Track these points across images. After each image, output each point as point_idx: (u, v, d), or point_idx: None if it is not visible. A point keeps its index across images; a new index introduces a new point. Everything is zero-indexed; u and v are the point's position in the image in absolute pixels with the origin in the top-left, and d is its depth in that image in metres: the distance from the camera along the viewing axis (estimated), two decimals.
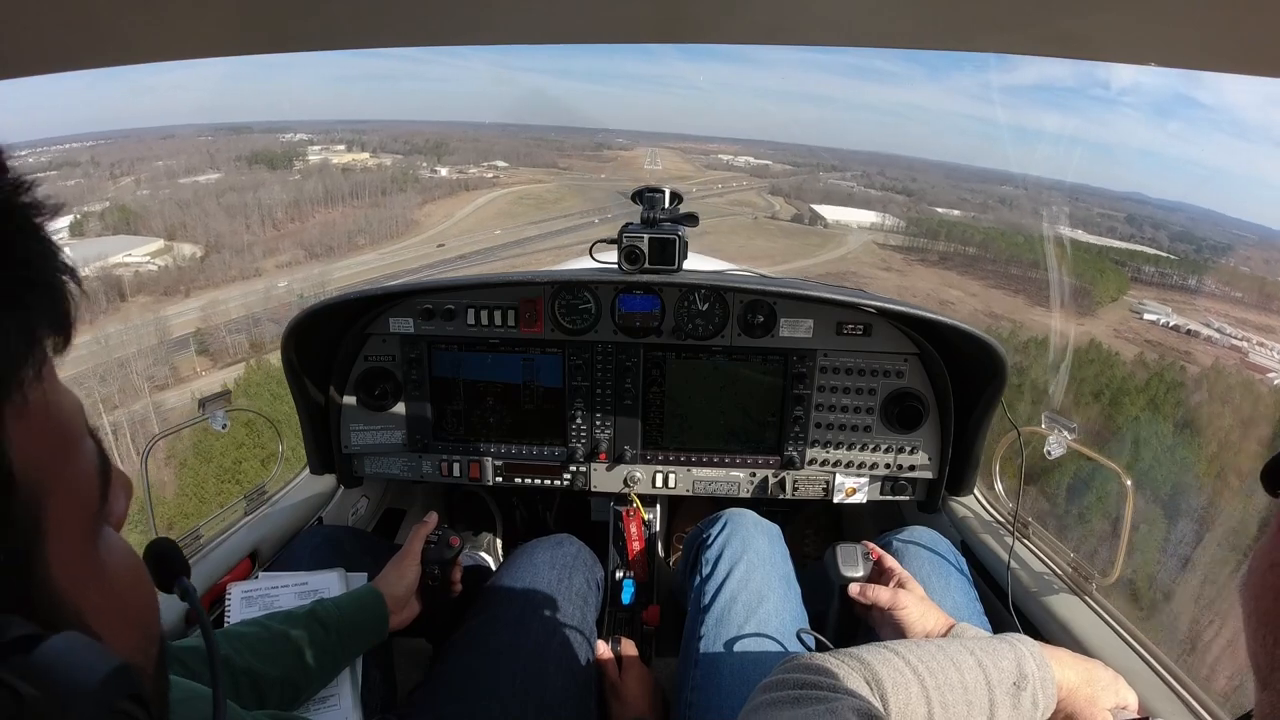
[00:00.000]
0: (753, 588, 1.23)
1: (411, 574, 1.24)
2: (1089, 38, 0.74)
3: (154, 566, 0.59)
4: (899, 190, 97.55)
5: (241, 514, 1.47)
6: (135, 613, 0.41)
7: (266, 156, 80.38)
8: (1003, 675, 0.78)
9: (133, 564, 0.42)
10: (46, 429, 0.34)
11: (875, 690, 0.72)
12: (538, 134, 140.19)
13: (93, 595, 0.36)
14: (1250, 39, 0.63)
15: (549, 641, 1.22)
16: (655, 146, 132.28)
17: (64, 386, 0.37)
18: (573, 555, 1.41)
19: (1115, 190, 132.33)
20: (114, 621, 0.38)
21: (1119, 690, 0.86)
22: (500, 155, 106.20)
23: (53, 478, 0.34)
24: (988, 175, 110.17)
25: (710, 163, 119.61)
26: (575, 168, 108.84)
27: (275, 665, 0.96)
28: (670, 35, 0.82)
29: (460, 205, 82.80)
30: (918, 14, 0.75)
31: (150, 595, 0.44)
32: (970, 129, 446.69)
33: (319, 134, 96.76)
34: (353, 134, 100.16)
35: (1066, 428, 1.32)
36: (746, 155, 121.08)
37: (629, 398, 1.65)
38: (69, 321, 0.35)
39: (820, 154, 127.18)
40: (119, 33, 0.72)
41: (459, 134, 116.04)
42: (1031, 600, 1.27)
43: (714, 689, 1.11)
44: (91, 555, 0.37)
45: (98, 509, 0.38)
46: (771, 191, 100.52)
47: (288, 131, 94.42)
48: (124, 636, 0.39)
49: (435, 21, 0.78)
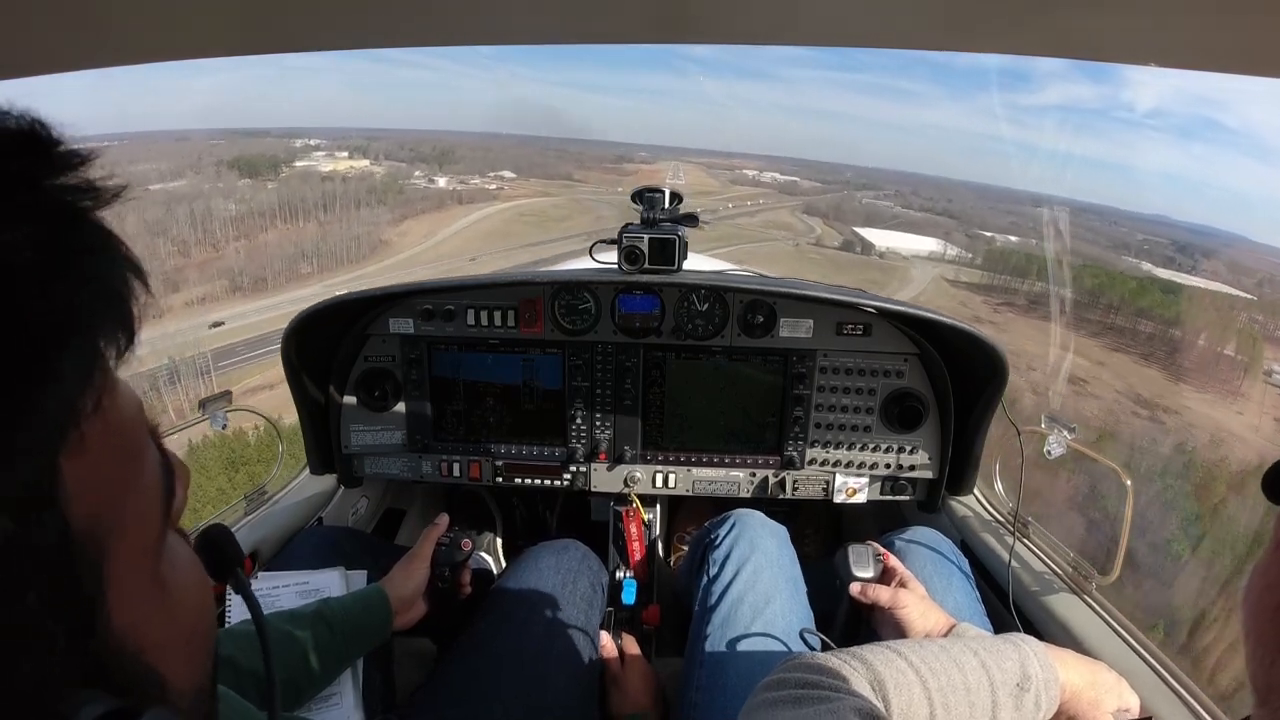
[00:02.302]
0: (760, 589, 1.23)
1: (420, 575, 1.24)
2: (1089, 38, 0.74)
3: (208, 558, 0.56)
4: (938, 211, 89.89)
5: (241, 514, 1.47)
6: (199, 634, 0.38)
7: (247, 162, 71.61)
8: (1006, 676, 0.78)
9: (193, 574, 0.39)
10: (107, 459, 0.30)
11: (877, 690, 0.72)
12: (557, 146, 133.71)
13: (155, 628, 0.33)
14: (1250, 39, 0.63)
15: (553, 645, 1.22)
16: (678, 160, 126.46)
17: (124, 390, 0.32)
18: (578, 560, 1.41)
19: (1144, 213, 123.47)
20: (177, 651, 0.35)
21: (1122, 693, 0.86)
22: (509, 165, 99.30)
23: (116, 517, 0.31)
24: (1018, 196, 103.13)
25: (735, 178, 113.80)
26: (591, 180, 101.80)
27: (280, 666, 0.96)
28: (671, 35, 0.82)
29: (447, 221, 72.84)
30: (918, 14, 0.75)
31: (210, 607, 0.41)
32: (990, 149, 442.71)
33: (333, 139, 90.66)
34: (365, 140, 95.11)
35: (1066, 427, 1.32)
36: (772, 171, 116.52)
37: (629, 398, 1.65)
38: (134, 328, 0.31)
39: (847, 171, 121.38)
40: (119, 33, 0.71)
41: (470, 143, 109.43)
42: (1032, 600, 1.27)
43: (718, 689, 1.11)
44: (156, 582, 0.34)
45: (163, 525, 0.35)
46: (806, 211, 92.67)
47: (301, 137, 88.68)
48: (188, 666, 0.36)
49: (435, 22, 0.78)
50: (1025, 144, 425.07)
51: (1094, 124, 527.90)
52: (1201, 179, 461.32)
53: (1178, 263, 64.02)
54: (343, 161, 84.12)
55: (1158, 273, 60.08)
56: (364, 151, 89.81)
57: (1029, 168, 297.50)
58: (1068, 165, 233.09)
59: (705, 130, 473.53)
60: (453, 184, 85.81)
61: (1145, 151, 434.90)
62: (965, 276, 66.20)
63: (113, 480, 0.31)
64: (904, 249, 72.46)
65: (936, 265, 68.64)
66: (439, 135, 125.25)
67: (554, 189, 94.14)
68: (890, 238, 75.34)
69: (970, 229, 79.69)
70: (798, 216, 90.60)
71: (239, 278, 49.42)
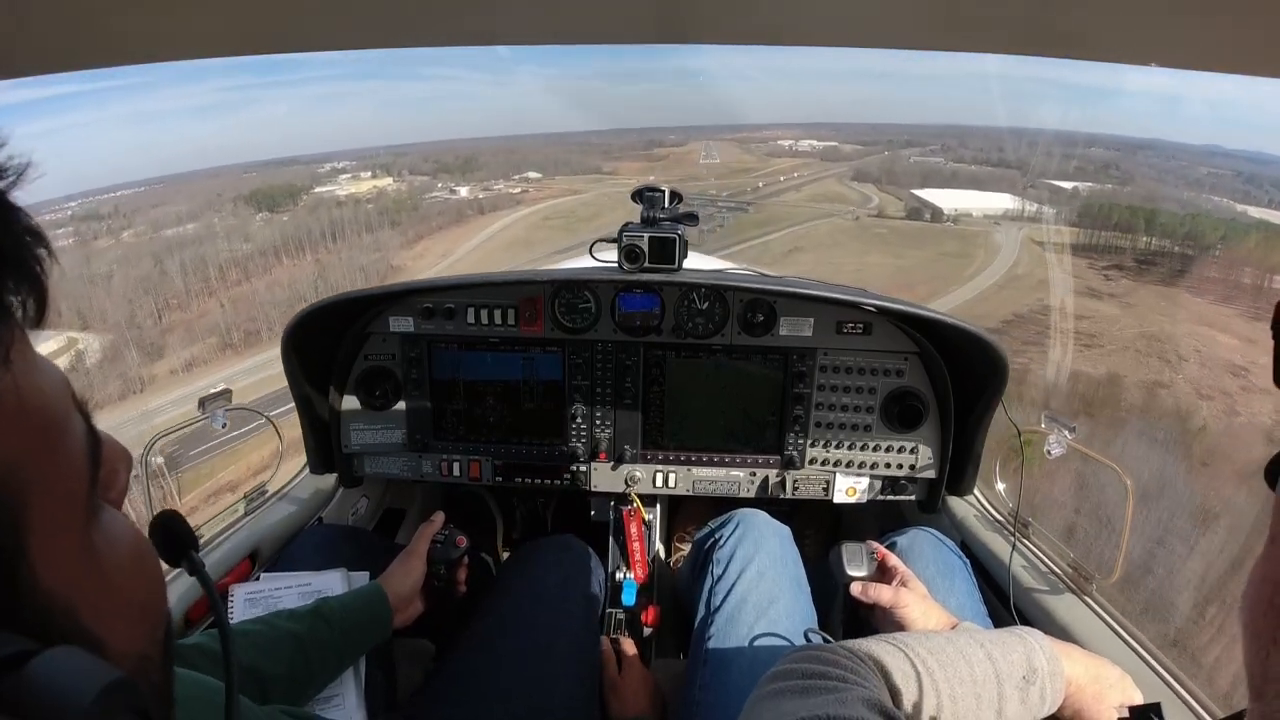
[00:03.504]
0: (764, 589, 1.23)
1: (417, 573, 1.24)
2: (1089, 38, 0.74)
3: (160, 541, 0.58)
4: (993, 163, 76.76)
5: (241, 514, 1.47)
6: (140, 600, 0.39)
7: (265, 194, 65.93)
8: (1012, 668, 0.78)
9: (135, 544, 0.39)
10: (21, 419, 0.31)
11: (884, 681, 0.72)
12: (582, 139, 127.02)
13: (89, 591, 0.34)
14: (1250, 39, 0.63)
15: (553, 643, 1.22)
16: (709, 140, 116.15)
17: (42, 364, 0.34)
18: (578, 557, 1.41)
19: (1194, 144, 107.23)
20: (116, 615, 0.36)
21: (1126, 689, 0.86)
22: (534, 166, 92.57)
23: (33, 472, 0.31)
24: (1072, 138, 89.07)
25: (771, 150, 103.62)
26: (623, 171, 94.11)
27: (279, 663, 0.96)
28: (672, 35, 0.82)
29: (467, 236, 66.20)
30: (918, 15, 0.75)
31: (156, 576, 0.41)
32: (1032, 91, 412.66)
33: (360, 159, 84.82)
34: (392, 156, 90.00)
35: (1066, 427, 1.32)
36: (809, 139, 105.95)
37: (629, 397, 1.65)
38: (41, 293, 0.32)
39: (888, 130, 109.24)
40: (119, 33, 0.71)
41: (493, 147, 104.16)
42: (1032, 601, 1.27)
43: (722, 688, 1.11)
44: (85, 547, 0.35)
45: (89, 494, 0.35)
46: (856, 178, 79.90)
47: (330, 161, 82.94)
48: (128, 630, 0.37)
49: (439, 23, 0.78)
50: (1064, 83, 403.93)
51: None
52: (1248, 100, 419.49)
53: (1253, 196, 54.24)
54: (365, 182, 78.09)
55: (1251, 211, 50.05)
56: (387, 169, 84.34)
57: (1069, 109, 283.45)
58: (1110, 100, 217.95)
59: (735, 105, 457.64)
60: (475, 192, 79.75)
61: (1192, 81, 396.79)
62: (1056, 237, 51.92)
63: (29, 443, 0.31)
64: (975, 209, 60.41)
65: (1019, 225, 55.44)
66: (463, 143, 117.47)
67: (582, 185, 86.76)
68: (956, 197, 63.93)
69: (1036, 179, 67.72)
70: (848, 185, 78.59)
71: (229, 333, 41.89)
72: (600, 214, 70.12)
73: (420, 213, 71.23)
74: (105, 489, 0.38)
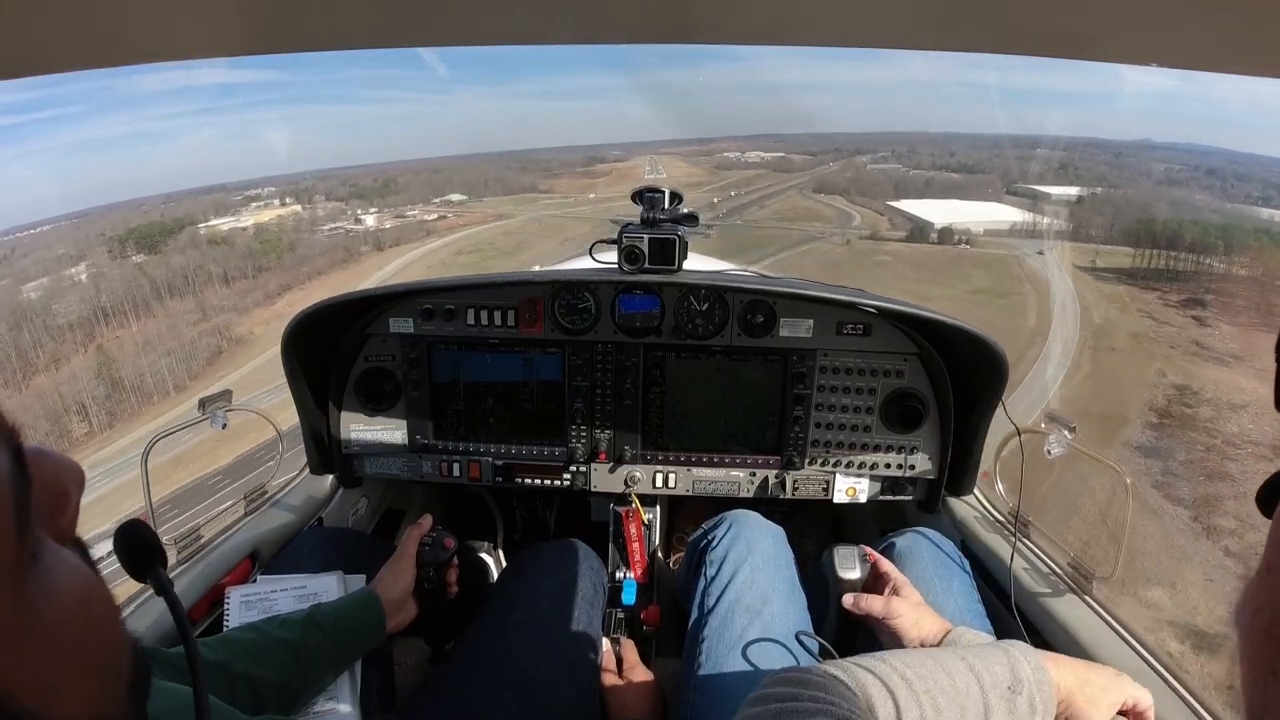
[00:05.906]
0: (757, 590, 1.23)
1: (407, 576, 1.24)
2: (1089, 38, 0.74)
3: (124, 555, 0.54)
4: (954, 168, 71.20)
5: (241, 514, 1.47)
6: (93, 658, 0.33)
7: (145, 232, 51.96)
8: (995, 679, 0.77)
9: (81, 590, 0.33)
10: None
11: (861, 699, 0.72)
12: (521, 158, 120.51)
13: (27, 663, 0.28)
14: (1250, 39, 0.63)
15: (553, 647, 1.22)
16: (654, 154, 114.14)
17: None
18: (578, 560, 1.41)
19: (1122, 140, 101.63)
20: (61, 681, 0.30)
21: (1123, 689, 0.85)
22: (459, 187, 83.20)
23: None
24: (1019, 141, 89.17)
25: (719, 163, 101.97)
26: (560, 189, 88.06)
27: (272, 670, 0.96)
28: (671, 35, 0.82)
29: (354, 280, 50.26)
30: (917, 15, 0.75)
31: (110, 627, 0.35)
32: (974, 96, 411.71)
33: (284, 186, 74.99)
34: (314, 181, 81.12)
35: (1066, 426, 1.32)
36: (755, 150, 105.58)
37: (629, 398, 1.65)
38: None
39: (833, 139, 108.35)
40: (119, 33, 0.71)
41: (417, 169, 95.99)
42: (1032, 601, 1.27)
43: (716, 691, 1.11)
44: (18, 611, 0.28)
45: (17, 549, 0.29)
46: (818, 190, 73.22)
47: (254, 188, 73.18)
48: (79, 691, 0.31)
49: (436, 22, 0.78)
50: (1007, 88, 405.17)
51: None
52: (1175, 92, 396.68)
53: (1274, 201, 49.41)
54: (272, 211, 65.74)
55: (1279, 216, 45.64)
56: (300, 195, 72.71)
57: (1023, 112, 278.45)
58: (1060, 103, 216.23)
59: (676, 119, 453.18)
60: (384, 220, 69.64)
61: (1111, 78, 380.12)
62: (1101, 261, 42.44)
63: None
64: (971, 223, 51.17)
65: (1040, 244, 47.12)
66: (386, 167, 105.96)
67: (510, 207, 77.45)
68: (942, 209, 55.69)
69: (1017, 184, 60.98)
70: (813, 198, 71.49)
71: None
72: (526, 245, 60.61)
73: (298, 254, 58.11)
74: (52, 519, 0.33)
